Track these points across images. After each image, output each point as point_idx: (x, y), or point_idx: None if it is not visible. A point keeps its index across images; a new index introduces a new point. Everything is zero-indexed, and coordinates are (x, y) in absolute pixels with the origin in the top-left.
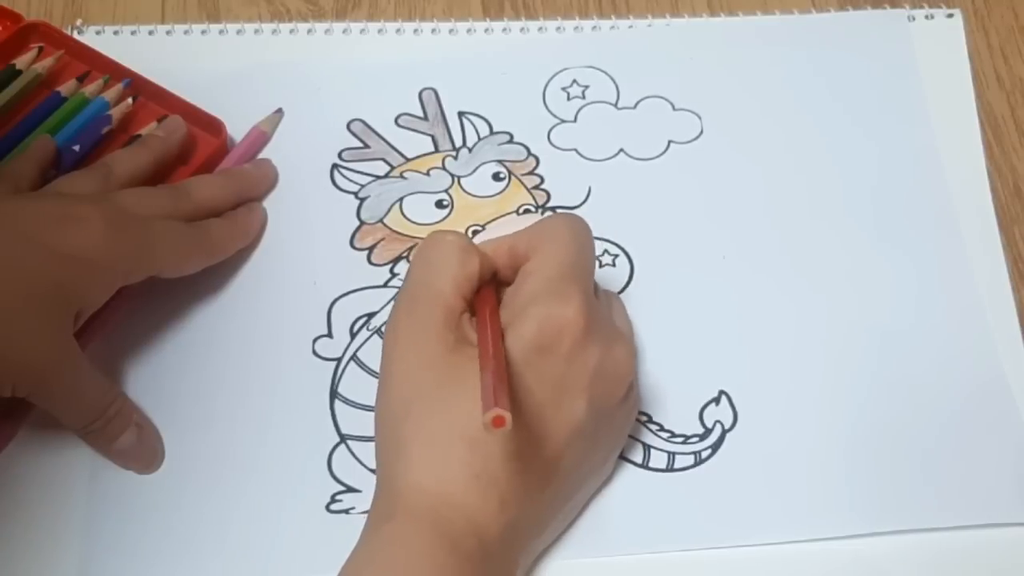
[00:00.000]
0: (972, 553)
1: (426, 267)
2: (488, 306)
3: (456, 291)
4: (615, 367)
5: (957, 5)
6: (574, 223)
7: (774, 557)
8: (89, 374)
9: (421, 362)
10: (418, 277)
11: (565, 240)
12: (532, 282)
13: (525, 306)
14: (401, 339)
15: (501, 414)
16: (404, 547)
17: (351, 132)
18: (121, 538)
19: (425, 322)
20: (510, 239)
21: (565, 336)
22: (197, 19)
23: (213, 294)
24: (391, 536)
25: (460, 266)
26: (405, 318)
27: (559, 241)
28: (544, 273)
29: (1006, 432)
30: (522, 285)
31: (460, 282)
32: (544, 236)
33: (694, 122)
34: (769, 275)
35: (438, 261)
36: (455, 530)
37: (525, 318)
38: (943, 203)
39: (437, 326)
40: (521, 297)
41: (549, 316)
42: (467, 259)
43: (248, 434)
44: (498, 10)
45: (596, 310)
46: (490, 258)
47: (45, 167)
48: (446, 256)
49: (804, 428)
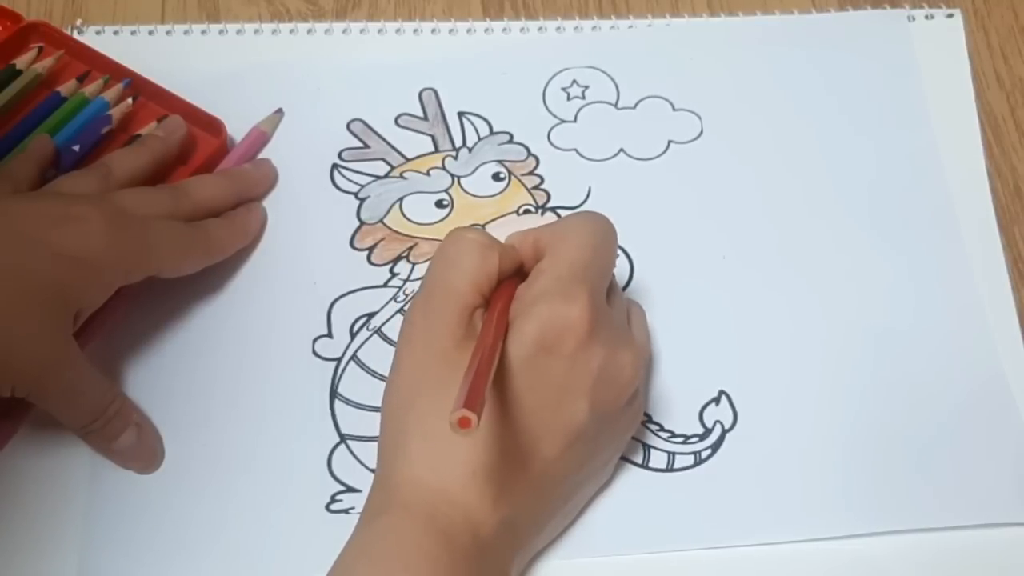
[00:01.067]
0: (972, 553)
1: (445, 264)
2: (500, 303)
3: (472, 288)
4: (619, 371)
5: (957, 5)
6: (596, 223)
7: (774, 557)
8: (88, 374)
9: (429, 356)
10: (436, 273)
11: (582, 239)
12: (542, 280)
13: (531, 304)
14: (413, 333)
15: (467, 415)
16: (398, 540)
17: (351, 132)
18: (121, 538)
19: (437, 317)
20: (536, 232)
21: (568, 336)
22: (197, 19)
23: (213, 294)
24: (386, 529)
25: (479, 263)
26: (420, 313)
27: (575, 240)
28: (555, 271)
29: (1006, 432)
30: (532, 283)
31: (478, 279)
32: (562, 233)
33: (694, 122)
34: (769, 275)
35: (456, 258)
36: (450, 525)
37: (529, 316)
38: (943, 203)
39: (449, 322)
40: (529, 295)
41: (553, 315)
42: (486, 256)
43: (248, 434)
44: (498, 10)
45: (604, 312)
46: (515, 252)
47: (44, 167)
48: (464, 253)
49: (804, 428)
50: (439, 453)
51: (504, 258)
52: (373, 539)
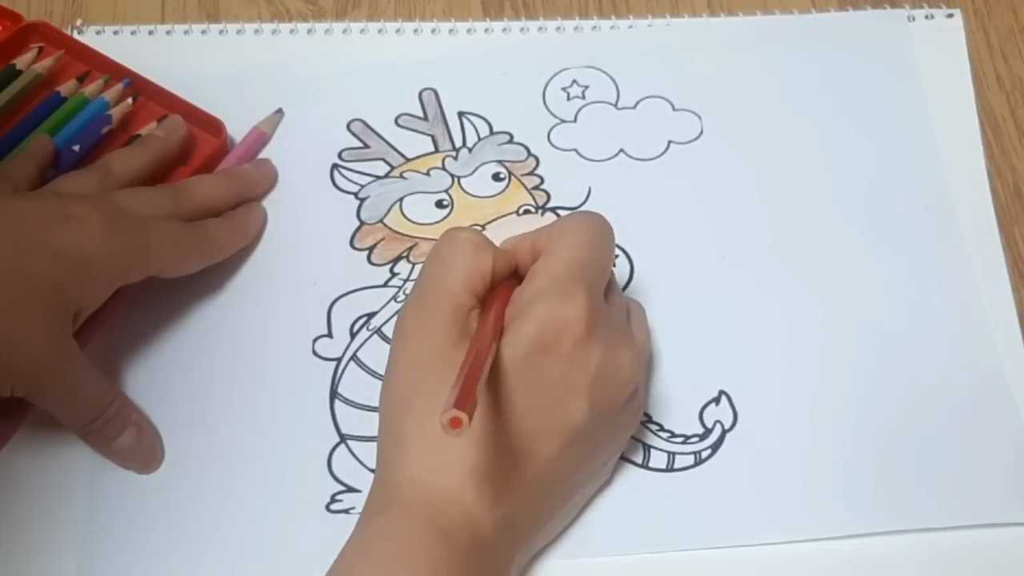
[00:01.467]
0: (972, 553)
1: (438, 263)
2: (495, 304)
3: (466, 288)
4: (617, 370)
5: (957, 5)
6: (592, 222)
7: (774, 557)
8: (88, 374)
9: (424, 356)
10: (430, 273)
11: (578, 239)
12: (538, 280)
13: (528, 304)
14: (407, 333)
15: (457, 416)
16: (398, 539)
17: (351, 132)
18: (120, 538)
19: (432, 317)
20: (532, 235)
21: (565, 336)
22: (197, 19)
23: (213, 294)
24: (385, 528)
25: (472, 263)
26: (413, 313)
27: (572, 240)
28: (551, 271)
29: (1006, 432)
30: (529, 283)
31: (471, 278)
32: (558, 233)
33: (694, 122)
34: (770, 275)
35: (450, 258)
36: (450, 525)
37: (526, 317)
38: (943, 203)
39: (443, 321)
40: (526, 295)
41: (551, 315)
42: (479, 256)
43: (248, 434)
44: (498, 10)
45: (602, 311)
46: (510, 255)
47: (44, 167)
48: (458, 253)
49: (804, 428)
50: (437, 453)
51: (499, 259)
52: (372, 538)
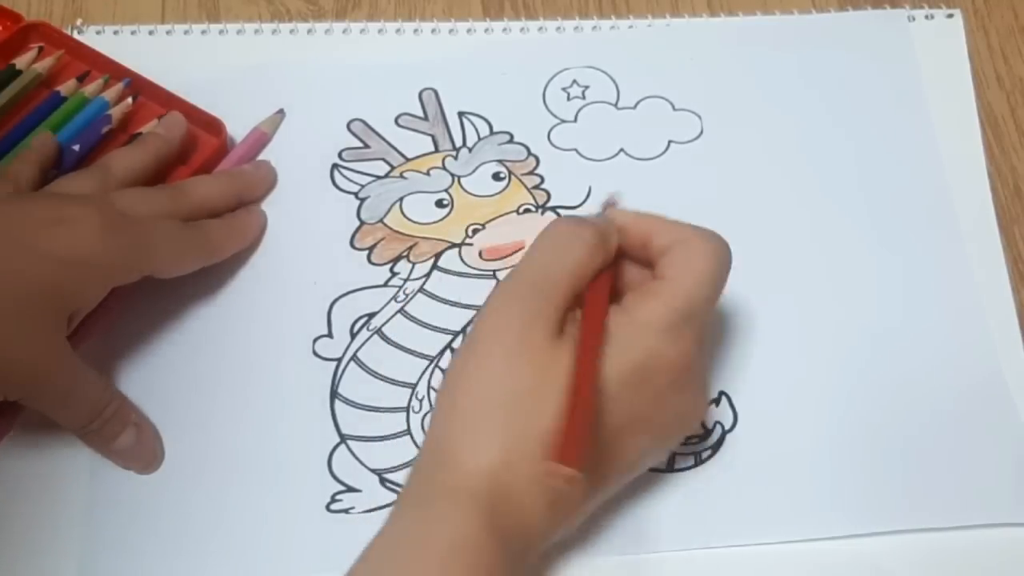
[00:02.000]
0: (972, 553)
1: (550, 254)
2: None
3: (571, 288)
4: (692, 419)
5: (957, 5)
6: (722, 255)
7: (774, 557)
8: (83, 375)
9: (517, 348)
10: (538, 261)
11: (706, 273)
12: (656, 306)
13: (639, 331)
14: (501, 319)
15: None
16: (458, 532)
17: (351, 132)
18: (121, 538)
19: (531, 308)
20: (653, 225)
21: (662, 375)
22: (197, 19)
23: (213, 294)
24: (444, 514)
25: (587, 260)
26: (511, 298)
27: (699, 271)
28: (671, 302)
29: (1005, 432)
30: (645, 301)
31: (579, 281)
32: (685, 259)
33: (694, 122)
34: (769, 275)
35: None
36: (507, 525)
37: (635, 344)
38: (943, 203)
39: (545, 314)
40: (639, 317)
41: (658, 351)
42: (594, 257)
43: (248, 434)
44: (498, 10)
45: (698, 358)
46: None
47: (47, 166)
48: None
49: (804, 428)
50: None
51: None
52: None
